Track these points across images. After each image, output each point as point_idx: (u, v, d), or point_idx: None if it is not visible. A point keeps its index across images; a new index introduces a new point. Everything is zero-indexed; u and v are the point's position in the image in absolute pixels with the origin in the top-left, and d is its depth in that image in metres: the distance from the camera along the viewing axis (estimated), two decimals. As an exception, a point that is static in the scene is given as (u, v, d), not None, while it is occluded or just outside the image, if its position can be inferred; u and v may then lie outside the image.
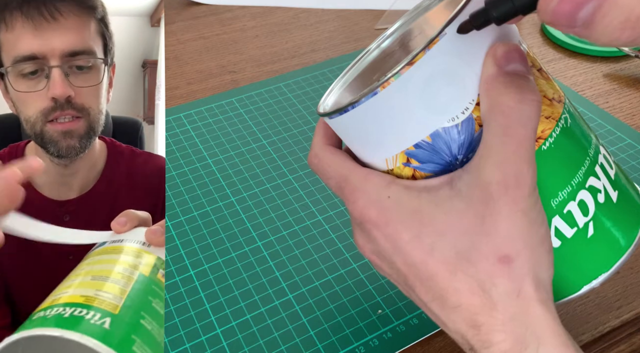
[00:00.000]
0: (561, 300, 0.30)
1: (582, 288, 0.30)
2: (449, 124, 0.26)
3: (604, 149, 0.31)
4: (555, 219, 0.28)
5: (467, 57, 0.26)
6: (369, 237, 0.29)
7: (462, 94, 0.26)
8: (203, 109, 0.64)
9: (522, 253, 0.25)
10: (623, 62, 0.69)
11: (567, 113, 0.29)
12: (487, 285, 0.25)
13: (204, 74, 0.70)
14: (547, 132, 0.27)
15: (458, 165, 0.27)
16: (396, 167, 0.28)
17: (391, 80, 0.25)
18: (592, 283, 0.30)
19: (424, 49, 0.25)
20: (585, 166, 0.28)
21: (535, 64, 0.28)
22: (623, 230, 0.30)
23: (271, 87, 0.67)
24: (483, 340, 0.25)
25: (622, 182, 0.31)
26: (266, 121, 0.62)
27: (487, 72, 0.25)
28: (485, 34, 0.26)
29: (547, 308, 0.25)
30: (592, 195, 0.28)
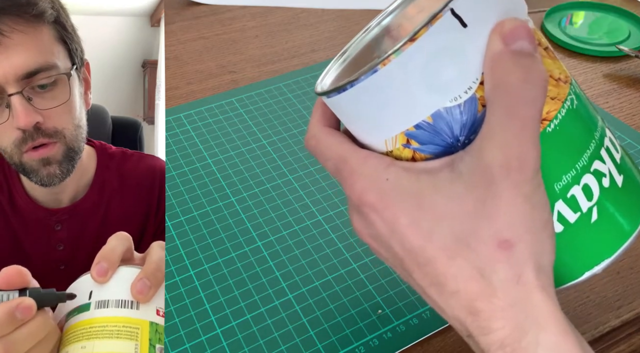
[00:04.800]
0: (562, 286, 0.30)
1: (583, 274, 0.29)
2: (451, 103, 0.25)
3: (610, 132, 0.30)
4: (558, 203, 0.27)
5: (473, 33, 0.24)
6: (366, 220, 0.28)
7: (466, 73, 0.25)
8: (203, 109, 0.64)
9: (523, 238, 0.24)
10: (623, 62, 0.69)
11: (573, 94, 0.28)
12: (487, 271, 0.25)
13: (204, 74, 0.70)
14: (552, 114, 0.26)
15: (460, 147, 0.26)
16: (395, 149, 0.27)
17: (392, 57, 0.24)
18: (594, 269, 0.29)
19: (426, 24, 0.24)
20: (590, 149, 0.27)
21: (542, 42, 0.27)
22: (628, 215, 0.29)
23: (271, 87, 0.67)
24: (482, 327, 0.25)
25: (628, 166, 0.30)
26: (266, 121, 0.62)
27: (492, 49, 0.24)
28: (490, 9, 0.25)
29: (547, 295, 0.25)
30: (597, 179, 0.28)
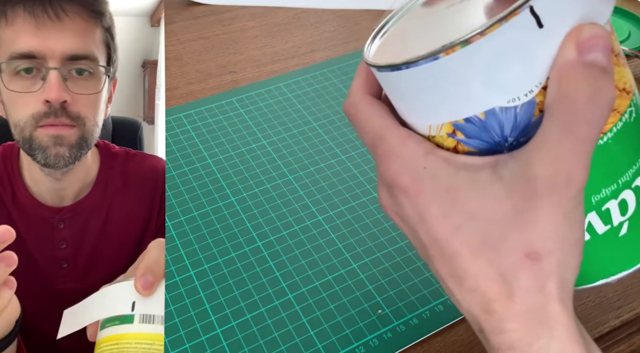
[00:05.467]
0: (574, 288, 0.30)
1: (597, 281, 0.29)
2: (508, 104, 0.24)
3: None
4: (591, 215, 0.27)
5: (547, 35, 0.23)
6: (396, 200, 0.27)
7: (531, 75, 0.24)
8: (203, 109, 0.64)
9: (554, 253, 0.24)
10: (623, 62, 0.69)
11: (634, 106, 0.26)
12: (509, 276, 0.24)
13: (204, 74, 0.70)
14: (608, 126, 0.25)
15: (506, 147, 0.25)
16: (439, 136, 0.26)
17: (457, 47, 0.23)
18: (610, 278, 0.29)
19: (500, 20, 0.22)
20: (637, 165, 0.26)
21: (614, 49, 0.25)
22: None
23: (271, 87, 0.67)
24: (494, 326, 0.25)
25: None
26: (266, 121, 0.62)
27: (563, 56, 0.23)
28: (571, 11, 0.23)
29: (565, 307, 0.25)
30: (636, 195, 0.27)
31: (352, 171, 0.55)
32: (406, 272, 0.46)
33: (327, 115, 0.62)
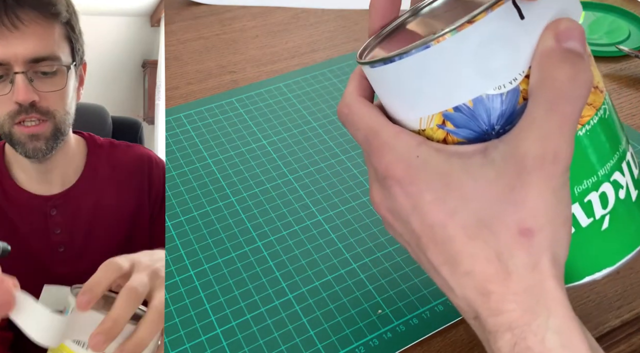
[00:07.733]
0: None
1: (584, 278, 0.30)
2: (495, 91, 0.26)
3: (631, 149, 0.31)
4: (574, 206, 0.28)
5: (528, 26, 0.25)
6: (388, 193, 0.28)
7: (515, 63, 0.25)
8: (203, 109, 0.64)
9: (545, 229, 0.25)
10: (623, 62, 0.69)
11: (607, 105, 0.29)
12: (505, 255, 0.25)
13: (204, 74, 0.70)
14: (585, 119, 0.27)
15: (493, 136, 0.27)
16: (429, 128, 0.28)
17: (447, 35, 0.25)
18: (595, 274, 0.30)
19: (487, 9, 0.24)
20: (613, 160, 0.28)
21: (587, 49, 0.27)
22: (636, 229, 0.30)
23: (271, 87, 0.67)
24: (492, 308, 0.25)
25: None
26: (266, 121, 0.62)
27: (544, 44, 0.25)
28: (549, 6, 0.25)
29: (559, 283, 0.25)
30: (615, 189, 0.28)
31: (352, 171, 0.55)
32: (406, 272, 0.46)
33: (327, 115, 0.62)
